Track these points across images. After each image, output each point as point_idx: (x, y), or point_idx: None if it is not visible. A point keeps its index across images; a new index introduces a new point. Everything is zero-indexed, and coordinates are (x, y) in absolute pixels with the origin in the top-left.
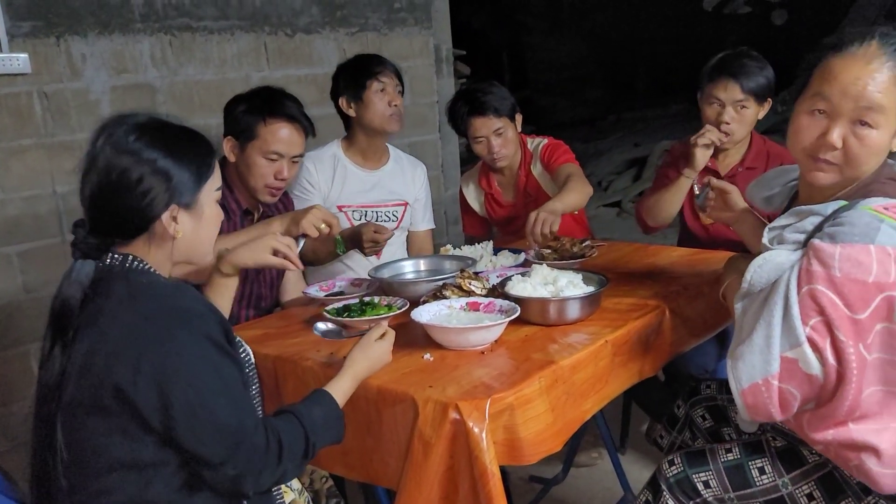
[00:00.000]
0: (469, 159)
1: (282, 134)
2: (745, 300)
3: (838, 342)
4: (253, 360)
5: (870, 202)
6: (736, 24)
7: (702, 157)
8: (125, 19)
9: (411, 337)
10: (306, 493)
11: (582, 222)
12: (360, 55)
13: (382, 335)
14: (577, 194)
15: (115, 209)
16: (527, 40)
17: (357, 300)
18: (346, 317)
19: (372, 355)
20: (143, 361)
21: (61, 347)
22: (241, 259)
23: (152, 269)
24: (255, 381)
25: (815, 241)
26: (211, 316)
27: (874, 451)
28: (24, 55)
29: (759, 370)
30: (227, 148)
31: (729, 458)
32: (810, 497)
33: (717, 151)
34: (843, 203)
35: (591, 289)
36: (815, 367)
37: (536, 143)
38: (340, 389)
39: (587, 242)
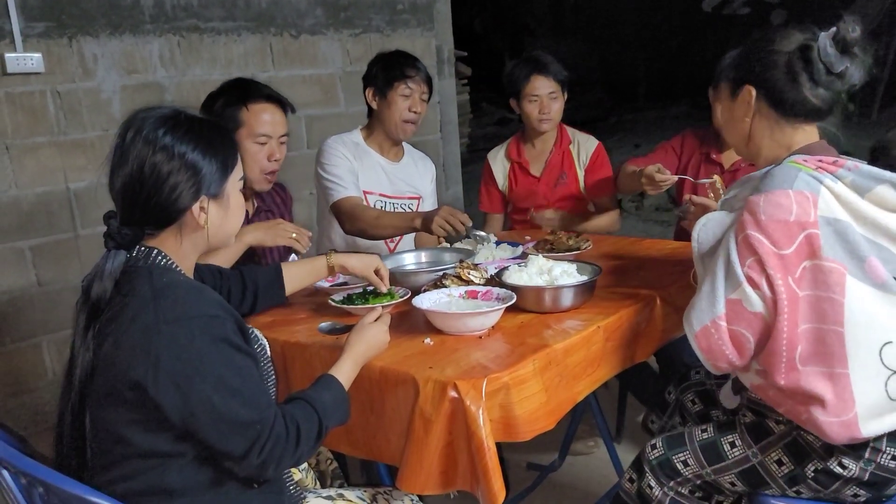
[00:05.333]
0: (471, 160)
1: (265, 116)
2: (701, 261)
3: (770, 276)
4: (268, 351)
5: (793, 157)
6: (735, 25)
7: (651, 192)
8: (136, 21)
9: (413, 323)
10: (312, 473)
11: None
12: (399, 52)
13: (377, 319)
14: (605, 223)
15: (146, 202)
16: (529, 42)
17: (361, 289)
18: (351, 304)
19: (367, 338)
20: (161, 362)
21: (92, 338)
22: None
23: (175, 266)
24: (271, 371)
25: (748, 196)
26: (227, 317)
27: (820, 401)
28: (37, 55)
29: (707, 313)
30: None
31: (704, 437)
32: (779, 463)
33: (723, 146)
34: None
35: (584, 278)
36: (757, 304)
37: (581, 135)
38: (343, 373)
39: (582, 235)
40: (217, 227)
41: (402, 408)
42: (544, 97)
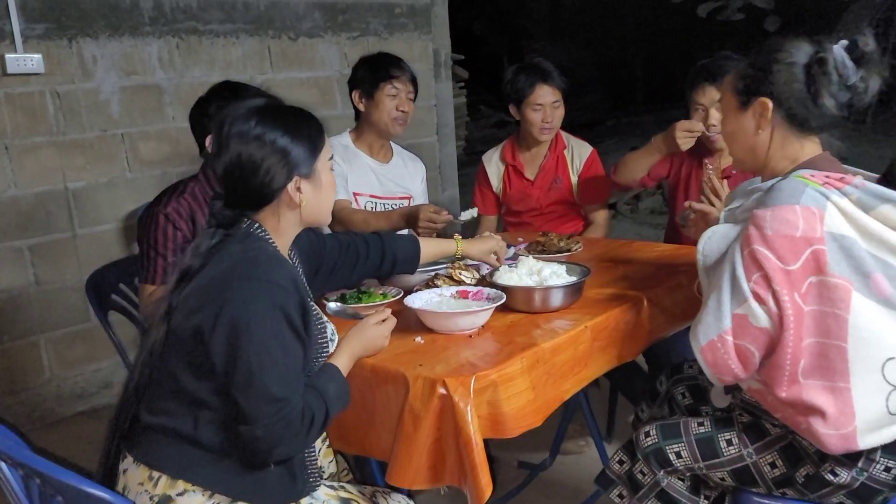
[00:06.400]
0: (468, 162)
1: None
2: (706, 274)
3: (776, 292)
4: (331, 348)
5: (799, 171)
6: (730, 31)
7: (683, 142)
8: (135, 22)
9: (404, 322)
10: (334, 467)
11: (583, 220)
12: (383, 54)
13: (383, 321)
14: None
15: (244, 186)
16: (527, 45)
17: (354, 289)
18: (344, 303)
19: (366, 336)
20: (223, 312)
21: (177, 290)
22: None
23: (269, 239)
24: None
25: (754, 210)
26: (294, 294)
27: (821, 413)
28: (37, 56)
29: (714, 328)
30: (210, 145)
31: (700, 431)
32: (773, 465)
33: (714, 152)
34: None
35: (573, 279)
36: (763, 319)
37: (575, 140)
38: (340, 364)
39: (573, 237)
40: (312, 203)
41: (392, 405)
42: (548, 106)
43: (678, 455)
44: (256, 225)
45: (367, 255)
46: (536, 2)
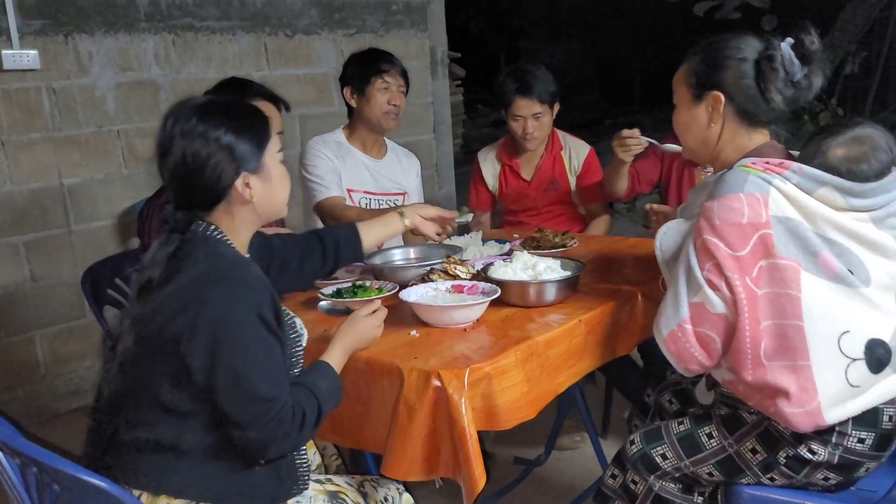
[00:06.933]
0: (465, 160)
1: None
2: (666, 268)
3: (728, 278)
4: (304, 341)
5: (742, 161)
6: (727, 30)
7: (621, 154)
8: (131, 19)
9: (399, 316)
10: (318, 458)
11: (580, 220)
12: (372, 49)
13: (373, 312)
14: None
15: (193, 186)
16: (524, 44)
17: (350, 284)
18: (340, 298)
19: (357, 330)
20: (201, 319)
21: (140, 302)
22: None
23: (228, 241)
24: (301, 361)
25: (703, 203)
26: (265, 293)
27: (785, 393)
28: (34, 52)
29: (673, 318)
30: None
31: (681, 430)
32: (753, 451)
33: None
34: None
35: (567, 273)
36: (718, 305)
37: (573, 140)
38: (333, 359)
39: (568, 233)
40: (264, 198)
41: (387, 397)
42: (528, 118)
43: (664, 457)
44: (212, 227)
45: (310, 253)
46: (534, 1)
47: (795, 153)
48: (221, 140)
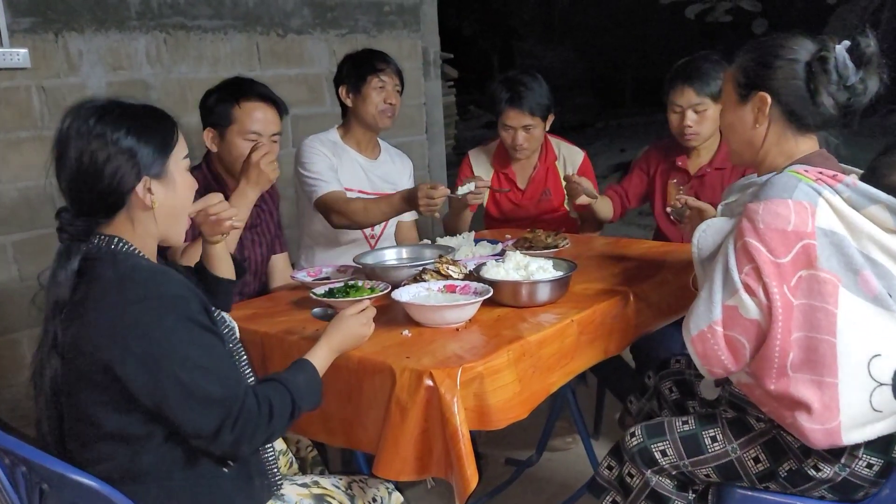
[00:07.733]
0: (456, 162)
1: (257, 114)
2: (701, 267)
3: (766, 284)
4: (237, 334)
5: (793, 167)
6: (718, 33)
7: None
8: (122, 17)
9: (392, 316)
10: (290, 455)
11: (573, 226)
12: (368, 49)
13: (361, 311)
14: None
15: (91, 190)
16: (517, 46)
17: (342, 284)
18: (332, 298)
19: (345, 328)
20: (130, 344)
21: (57, 326)
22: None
23: (137, 251)
24: (242, 352)
25: (747, 203)
26: (193, 297)
27: (806, 407)
28: (23, 50)
29: (704, 318)
30: (208, 139)
31: (685, 429)
32: (756, 460)
33: (689, 152)
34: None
35: (559, 273)
36: (753, 311)
37: (566, 147)
38: (317, 358)
39: (560, 233)
40: (166, 205)
41: (379, 397)
42: (518, 129)
43: (664, 453)
44: (116, 240)
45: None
46: (527, 3)
47: (849, 168)
48: (121, 143)
